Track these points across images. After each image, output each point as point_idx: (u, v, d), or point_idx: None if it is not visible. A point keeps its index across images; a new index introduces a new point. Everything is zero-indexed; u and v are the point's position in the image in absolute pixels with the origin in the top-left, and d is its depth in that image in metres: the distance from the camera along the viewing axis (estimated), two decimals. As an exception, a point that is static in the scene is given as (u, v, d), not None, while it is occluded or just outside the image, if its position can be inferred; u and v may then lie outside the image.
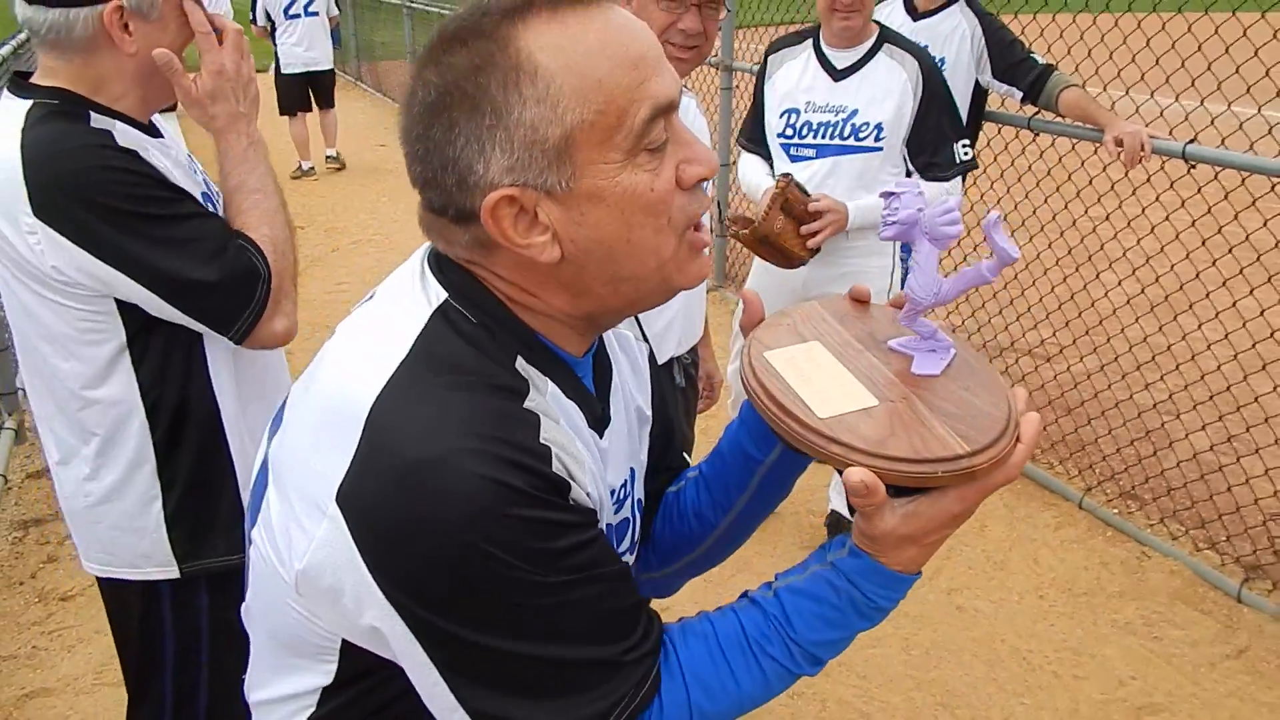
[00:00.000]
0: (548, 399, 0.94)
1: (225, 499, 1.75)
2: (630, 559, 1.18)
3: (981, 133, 4.05)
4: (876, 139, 3.00)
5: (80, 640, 3.05)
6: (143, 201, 1.53)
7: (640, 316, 1.21)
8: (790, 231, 2.84)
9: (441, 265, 0.97)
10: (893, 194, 1.02)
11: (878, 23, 3.09)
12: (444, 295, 0.94)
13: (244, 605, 1.08)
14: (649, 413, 1.21)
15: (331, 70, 9.20)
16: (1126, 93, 3.59)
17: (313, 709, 1.01)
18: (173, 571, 1.74)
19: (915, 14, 3.76)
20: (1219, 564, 3.39)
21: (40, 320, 1.60)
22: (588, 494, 0.93)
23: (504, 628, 0.87)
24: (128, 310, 1.59)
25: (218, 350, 1.70)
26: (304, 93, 8.99)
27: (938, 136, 3.04)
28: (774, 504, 1.19)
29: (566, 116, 0.85)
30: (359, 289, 6.19)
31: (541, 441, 0.88)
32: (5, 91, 1.62)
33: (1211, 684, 2.87)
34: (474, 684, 0.89)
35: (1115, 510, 3.73)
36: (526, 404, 0.90)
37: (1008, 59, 3.64)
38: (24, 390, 4.48)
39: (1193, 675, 2.91)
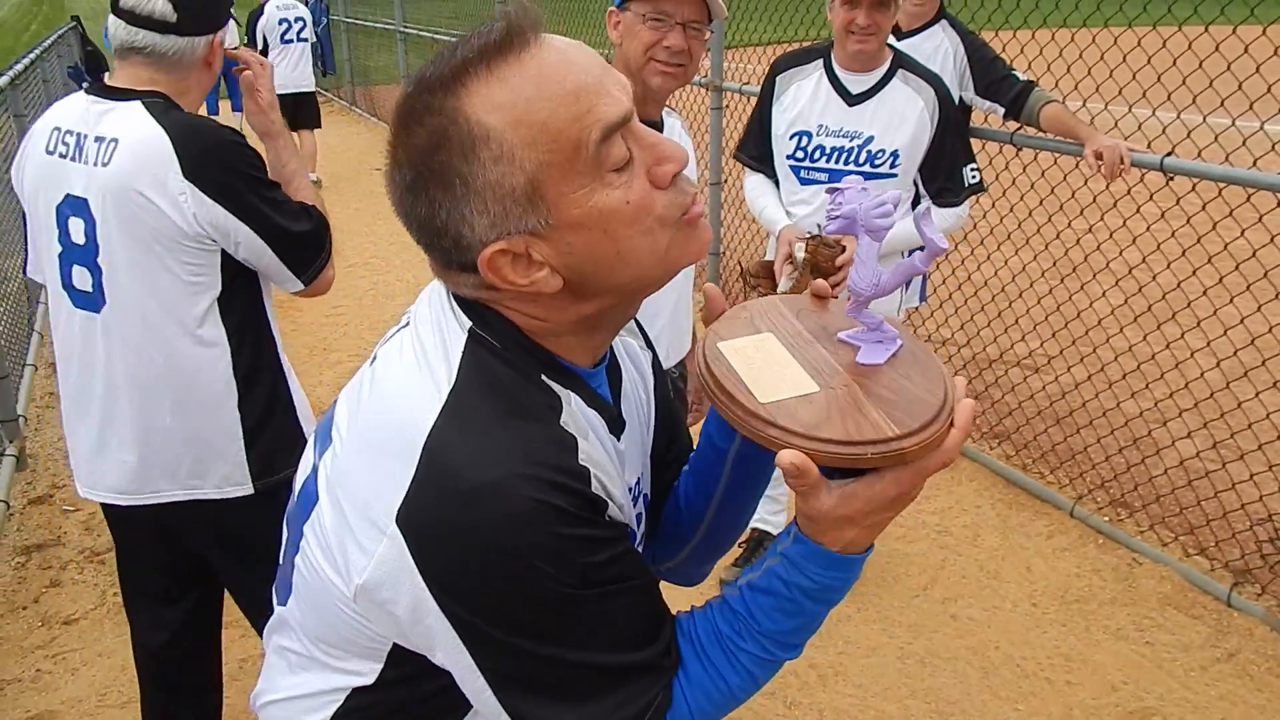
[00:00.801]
0: (574, 409, 1.01)
1: (287, 426, 2.19)
2: (640, 550, 1.24)
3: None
4: (892, 166, 2.99)
5: (84, 663, 3.09)
6: (260, 170, 2.03)
7: (640, 325, 1.29)
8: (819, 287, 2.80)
9: (460, 295, 1.04)
10: (838, 189, 1.07)
11: (892, 47, 3.07)
12: (469, 323, 1.01)
13: (274, 617, 1.14)
14: (654, 411, 1.27)
15: (314, 92, 9.59)
16: (1105, 107, 3.65)
17: (338, 704, 1.07)
18: (248, 489, 2.13)
19: (898, 33, 3.82)
20: (1209, 569, 3.43)
21: (158, 283, 1.98)
22: (619, 506, 1.01)
23: (548, 635, 0.94)
24: (225, 265, 2.03)
25: (270, 306, 2.19)
26: (292, 114, 9.23)
27: (952, 162, 3.05)
28: (756, 489, 1.25)
29: (526, 165, 0.91)
30: (357, 312, 6.23)
31: (581, 462, 0.95)
32: (88, 94, 2.04)
33: (1203, 687, 2.91)
34: (518, 689, 0.97)
35: (1106, 518, 3.77)
36: (563, 421, 0.98)
37: (989, 76, 3.69)
38: (24, 417, 4.54)
39: (1184, 679, 2.95)
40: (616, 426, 1.10)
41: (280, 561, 1.17)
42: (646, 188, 0.95)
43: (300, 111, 9.34)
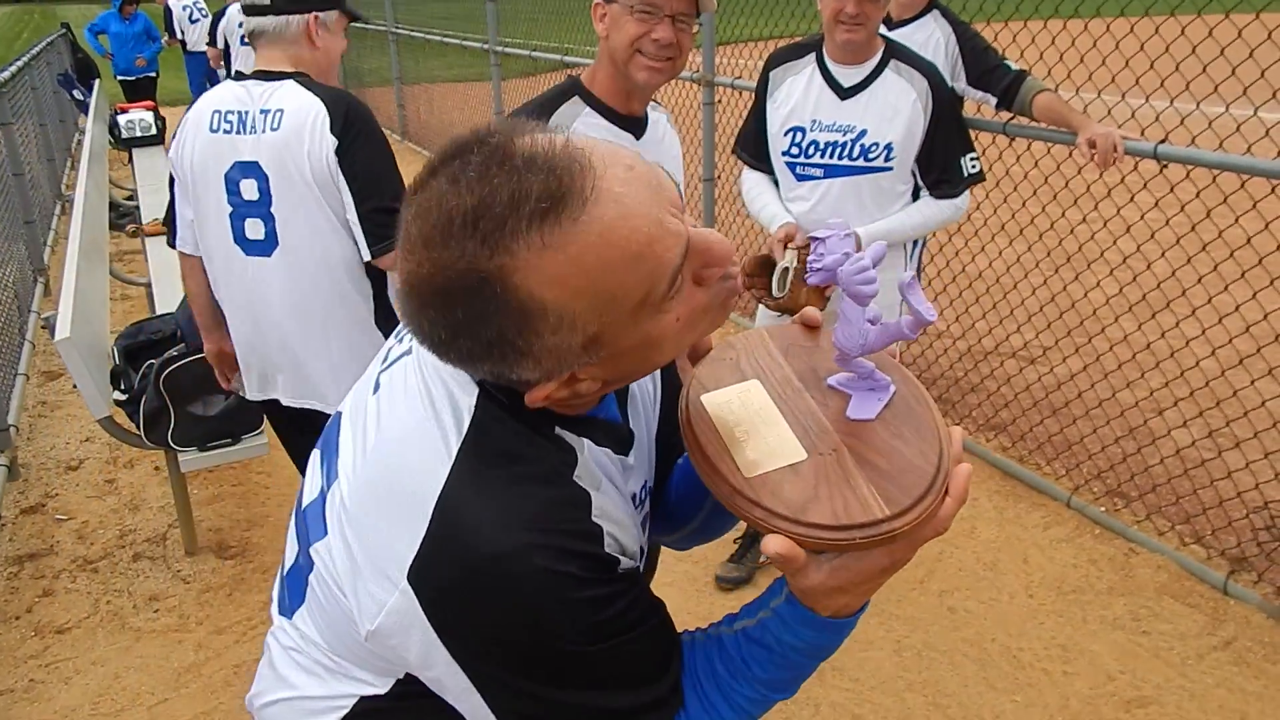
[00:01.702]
0: (586, 455, 1.00)
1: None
2: (644, 540, 1.23)
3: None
4: (887, 159, 2.94)
5: (77, 672, 3.07)
6: (382, 143, 2.45)
7: None
8: (813, 293, 2.77)
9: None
10: (818, 239, 1.02)
11: (884, 37, 3.02)
12: (474, 390, 0.98)
13: (276, 624, 1.14)
14: (659, 399, 1.26)
15: None
16: (1099, 95, 3.64)
17: (345, 710, 1.07)
18: None
19: (890, 23, 3.80)
20: (1205, 558, 3.42)
21: (319, 225, 2.42)
22: (629, 553, 1.01)
23: (560, 683, 0.95)
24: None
25: None
26: None
27: (947, 153, 3.00)
28: None
29: (589, 328, 0.86)
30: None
31: (594, 519, 0.95)
32: (240, 81, 2.47)
33: (1199, 675, 2.90)
34: None
35: (1102, 508, 3.76)
36: (576, 476, 0.97)
37: (982, 66, 3.67)
38: (16, 426, 4.52)
39: (1180, 668, 2.93)
40: (625, 446, 1.09)
41: (282, 570, 1.16)
42: (693, 293, 0.91)
43: None
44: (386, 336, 2.48)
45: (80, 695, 2.97)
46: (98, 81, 11.37)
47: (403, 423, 0.99)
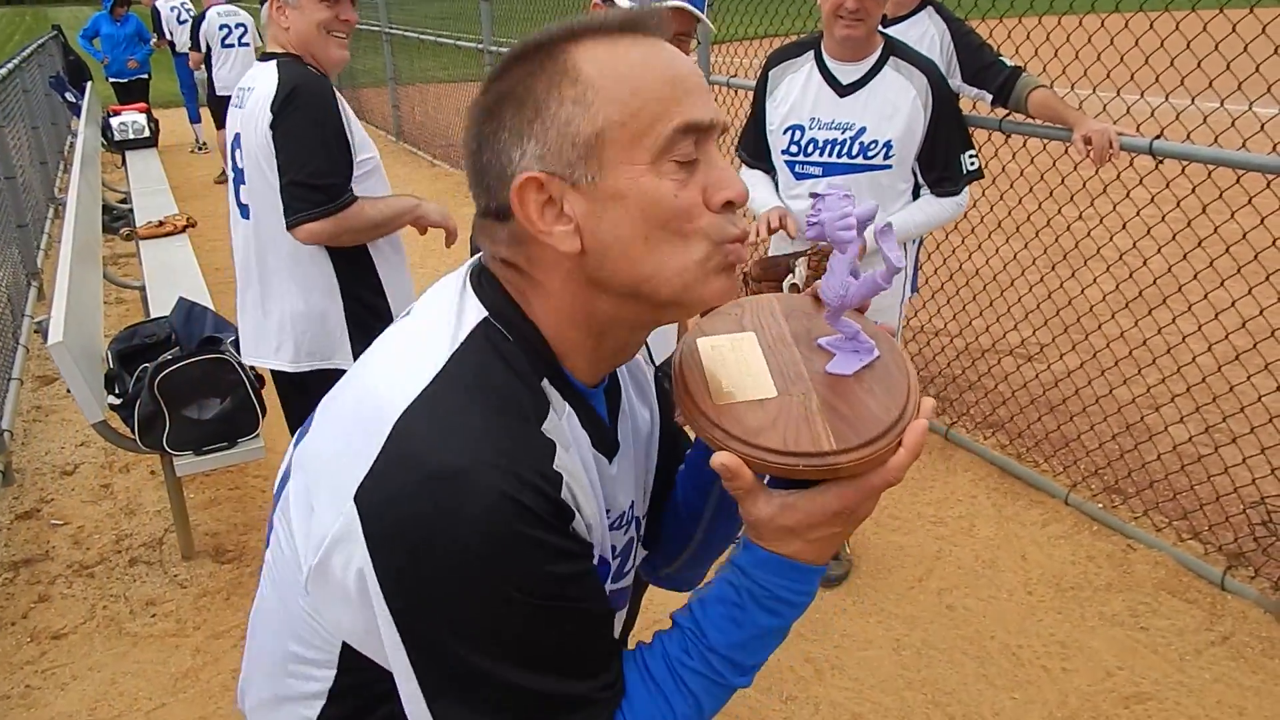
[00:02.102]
0: (563, 422, 0.98)
1: (381, 313, 2.77)
2: (630, 576, 1.21)
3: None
4: (886, 156, 2.92)
5: (74, 678, 3.06)
6: (323, 120, 2.58)
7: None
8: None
9: (482, 283, 1.02)
10: (819, 195, 1.04)
11: (884, 33, 2.99)
12: (484, 313, 0.99)
13: (254, 605, 1.12)
14: (656, 424, 1.24)
15: None
16: (1093, 91, 3.63)
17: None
18: (350, 362, 2.64)
19: (884, 20, 3.79)
20: (1202, 553, 3.42)
21: (269, 199, 2.63)
22: (587, 526, 0.97)
23: (488, 644, 0.89)
24: None
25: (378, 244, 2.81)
26: None
27: (948, 150, 2.98)
28: None
29: (599, 116, 0.91)
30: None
31: (555, 468, 0.92)
32: (259, 61, 2.74)
33: (1197, 670, 2.90)
34: (450, 700, 0.91)
35: (1100, 505, 3.75)
36: (544, 428, 0.95)
37: (977, 63, 3.66)
38: (10, 431, 4.50)
39: (1179, 663, 2.93)
40: (608, 448, 1.07)
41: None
42: (697, 199, 0.94)
43: None
44: (349, 301, 2.74)
45: (77, 701, 2.96)
46: (90, 84, 11.35)
47: (380, 360, 1.00)
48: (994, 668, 2.95)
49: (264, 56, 2.74)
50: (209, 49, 9.78)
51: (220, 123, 10.17)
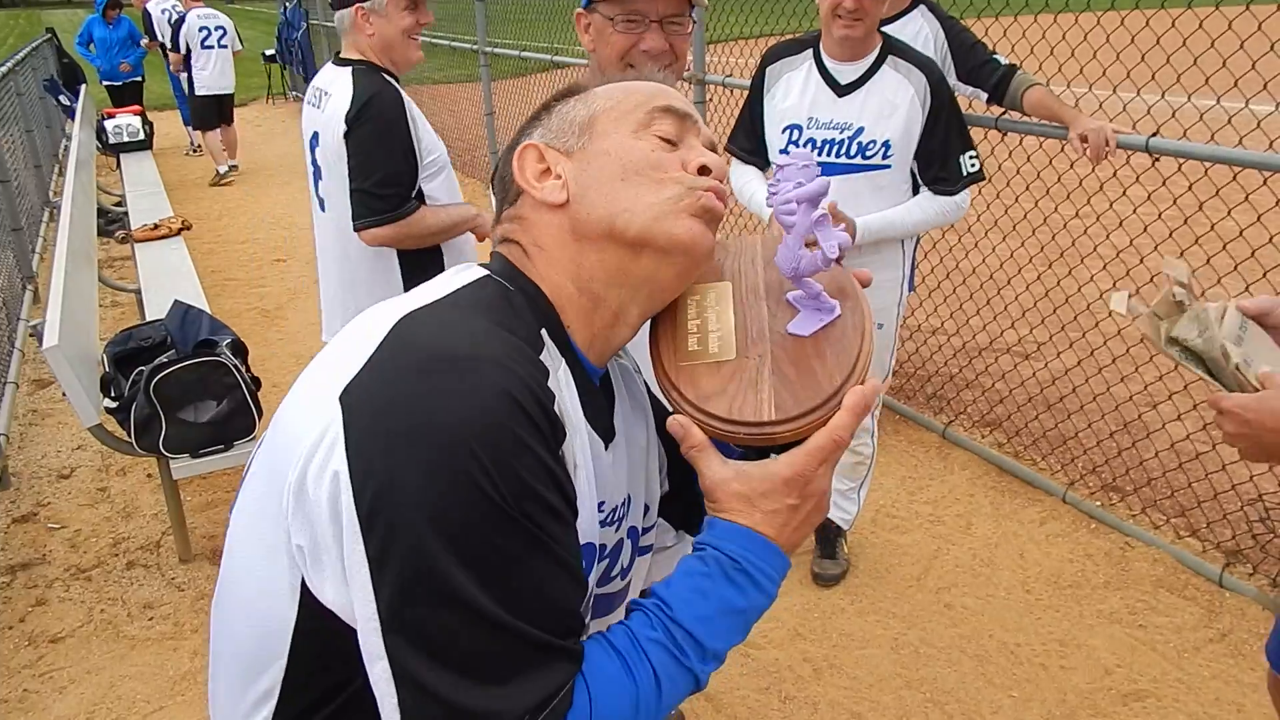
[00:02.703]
0: (559, 375, 0.97)
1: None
2: (620, 583, 1.19)
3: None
4: (885, 156, 2.91)
5: (72, 681, 3.05)
6: (394, 136, 2.75)
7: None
8: None
9: (487, 262, 1.09)
10: (780, 167, 1.07)
11: (883, 33, 2.97)
12: (487, 272, 1.04)
13: (214, 599, 1.08)
14: (654, 443, 1.23)
15: (233, 93, 10.66)
16: (1090, 89, 3.63)
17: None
18: None
19: None
20: (1200, 550, 3.42)
21: (345, 197, 2.79)
22: (575, 464, 0.95)
23: (458, 565, 0.83)
24: None
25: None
26: (217, 111, 10.42)
27: (945, 150, 2.96)
28: None
29: (594, 105, 1.09)
30: (341, 318, 6.20)
31: (548, 385, 0.91)
32: (332, 64, 2.93)
33: (1195, 668, 2.90)
34: (407, 639, 0.84)
35: (1098, 503, 3.75)
36: (542, 357, 0.95)
37: (971, 61, 3.65)
38: (6, 435, 4.49)
39: (1177, 660, 2.93)
40: (604, 431, 1.07)
41: None
42: (675, 160, 1.06)
43: (222, 109, 10.49)
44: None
45: (75, 705, 2.95)
46: (84, 87, 11.32)
47: (377, 305, 1.01)
48: (992, 666, 2.95)
49: (340, 61, 2.91)
50: (189, 51, 10.07)
51: (200, 123, 10.47)
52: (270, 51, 15.57)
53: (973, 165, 3.03)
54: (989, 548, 3.55)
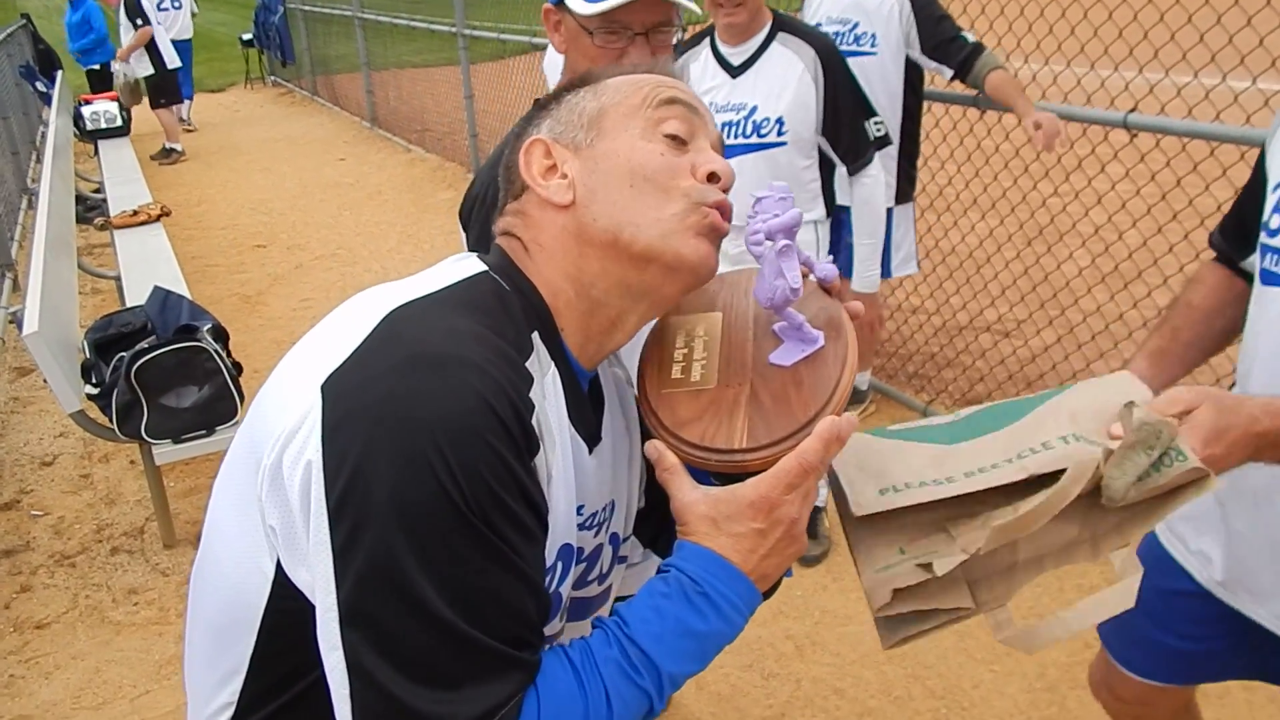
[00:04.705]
0: (546, 381, 0.99)
1: None
2: (599, 588, 1.20)
3: (929, 112, 4.10)
4: (780, 134, 2.90)
5: (58, 667, 3.05)
6: None
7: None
8: None
9: (485, 253, 1.09)
10: (759, 199, 1.09)
11: (775, 10, 2.94)
12: (484, 268, 1.04)
13: (192, 572, 1.10)
14: (638, 456, 1.23)
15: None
16: (1068, 65, 3.65)
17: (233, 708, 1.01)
18: None
19: None
20: (1180, 523, 3.45)
21: None
22: (549, 475, 0.96)
23: (417, 563, 0.84)
24: None
25: None
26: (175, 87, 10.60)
27: (851, 119, 2.94)
28: None
29: (603, 99, 1.08)
30: (324, 305, 6.18)
31: (530, 395, 0.92)
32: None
33: (1176, 640, 2.93)
34: (362, 632, 0.85)
35: (1078, 477, 3.77)
36: (528, 364, 0.96)
37: (937, 36, 3.62)
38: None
39: (1157, 633, 2.96)
40: (589, 434, 1.08)
41: None
42: (685, 166, 1.05)
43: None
44: None
45: (61, 690, 2.95)
46: (60, 73, 11.21)
47: (376, 289, 1.03)
48: (973, 641, 2.98)
49: None
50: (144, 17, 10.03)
51: (168, 98, 10.45)
52: (248, 36, 15.41)
53: (878, 130, 3.02)
54: (971, 524, 3.58)
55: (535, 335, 1.00)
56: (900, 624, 1.08)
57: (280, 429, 0.90)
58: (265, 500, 0.91)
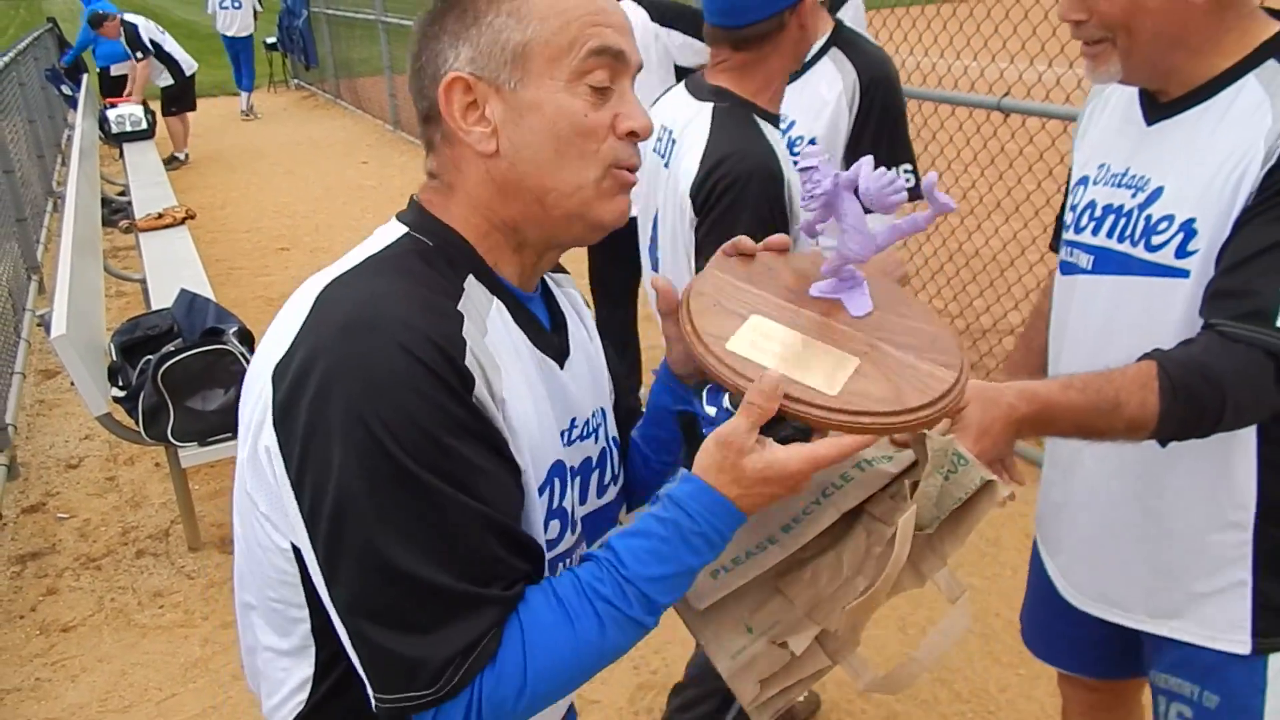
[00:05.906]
0: (489, 317, 1.02)
1: None
2: (614, 490, 1.24)
3: (953, 116, 4.09)
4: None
5: (84, 670, 3.07)
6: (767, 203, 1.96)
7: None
8: None
9: (403, 212, 1.10)
10: (810, 168, 1.06)
11: (838, 21, 2.68)
12: (404, 229, 1.06)
13: (235, 567, 1.12)
14: (600, 356, 1.27)
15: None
16: (1031, 63, 3.62)
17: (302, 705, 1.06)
18: None
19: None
20: (1207, 529, 3.42)
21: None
22: (503, 401, 0.97)
23: (372, 518, 0.89)
24: None
25: None
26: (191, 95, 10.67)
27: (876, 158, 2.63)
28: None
29: (528, 29, 1.00)
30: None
31: (461, 334, 0.95)
32: (693, 98, 2.05)
33: (1203, 647, 2.91)
34: (341, 589, 0.93)
35: (1103, 482, 3.75)
36: (459, 305, 0.99)
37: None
38: (14, 426, 4.51)
39: (1185, 639, 2.94)
40: (556, 352, 1.11)
41: None
42: (606, 121, 1.02)
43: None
44: None
45: (87, 692, 2.98)
46: (85, 76, 11.29)
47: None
48: (999, 644, 2.96)
49: (697, 90, 2.05)
50: (156, 48, 10.07)
51: (181, 106, 10.41)
52: (272, 40, 15.51)
53: (907, 180, 2.47)
54: (995, 527, 3.56)
55: (470, 278, 1.03)
56: (768, 705, 1.10)
57: (248, 421, 0.98)
58: (253, 489, 0.99)
